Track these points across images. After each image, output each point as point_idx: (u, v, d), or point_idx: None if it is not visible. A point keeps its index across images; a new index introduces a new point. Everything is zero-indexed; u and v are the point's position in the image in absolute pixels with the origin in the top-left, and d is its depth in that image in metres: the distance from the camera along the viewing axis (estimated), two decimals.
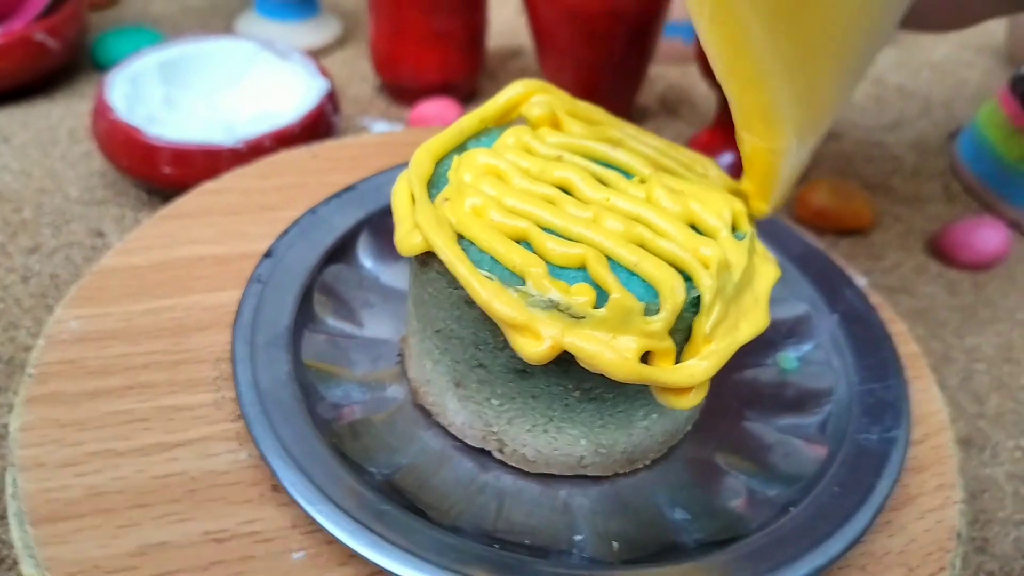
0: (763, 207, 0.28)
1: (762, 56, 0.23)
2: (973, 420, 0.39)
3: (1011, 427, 0.39)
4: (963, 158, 0.55)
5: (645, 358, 0.24)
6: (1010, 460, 0.38)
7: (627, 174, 0.27)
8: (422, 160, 0.27)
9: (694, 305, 0.24)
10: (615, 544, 0.26)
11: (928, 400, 0.32)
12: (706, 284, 0.23)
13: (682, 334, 0.24)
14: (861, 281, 0.36)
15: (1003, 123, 0.51)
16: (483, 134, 0.29)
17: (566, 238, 0.24)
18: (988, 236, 0.47)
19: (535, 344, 0.23)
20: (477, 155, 0.26)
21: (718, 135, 0.51)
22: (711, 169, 0.28)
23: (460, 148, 0.28)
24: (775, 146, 0.25)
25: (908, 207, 0.53)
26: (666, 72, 0.65)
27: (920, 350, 0.34)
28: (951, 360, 0.42)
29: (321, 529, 0.24)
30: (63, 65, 0.56)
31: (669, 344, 0.24)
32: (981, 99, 0.64)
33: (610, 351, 0.23)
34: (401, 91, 0.57)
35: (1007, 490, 0.36)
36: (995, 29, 0.73)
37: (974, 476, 0.37)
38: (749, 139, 0.26)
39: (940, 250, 0.48)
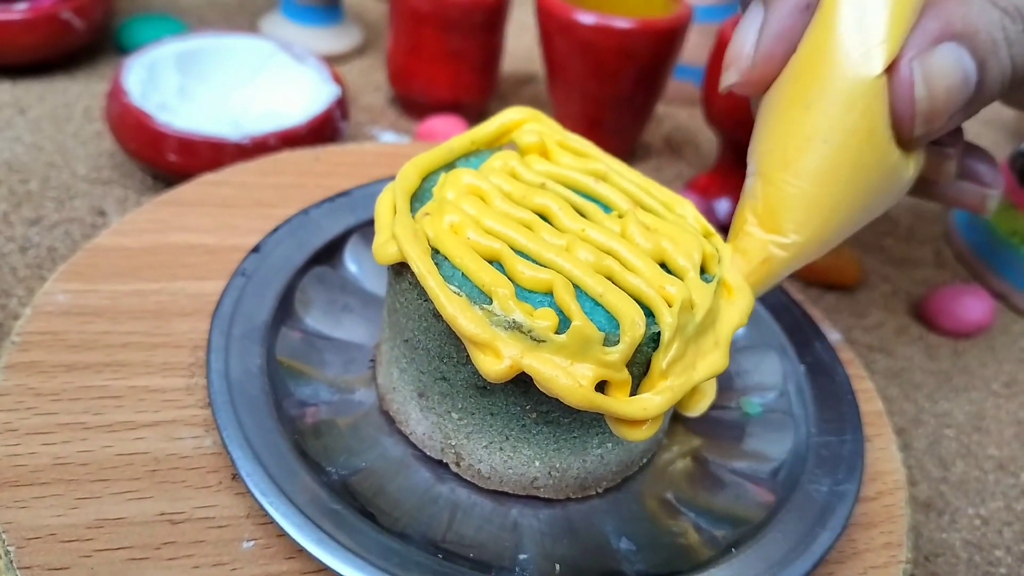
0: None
1: (827, 154, 0.26)
2: (936, 484, 0.40)
3: (973, 495, 0.39)
4: (957, 226, 0.56)
5: (602, 387, 0.24)
6: (968, 528, 0.38)
7: (606, 208, 0.28)
8: (409, 174, 0.27)
9: (654, 340, 0.25)
10: (558, 567, 0.27)
11: (886, 458, 0.33)
12: (667, 321, 0.24)
13: (640, 368, 0.25)
14: (835, 336, 0.37)
15: None
16: (473, 155, 0.30)
17: (537, 263, 0.25)
18: (972, 305, 0.48)
19: (495, 362, 0.23)
20: (463, 174, 0.27)
21: (717, 179, 0.52)
22: (689, 211, 0.29)
23: (449, 166, 0.29)
24: (794, 241, 0.27)
25: (897, 268, 0.53)
26: (674, 112, 0.66)
27: (886, 409, 0.35)
28: (921, 423, 0.43)
29: (273, 521, 0.25)
30: (86, 45, 0.57)
31: (625, 376, 0.24)
32: None
33: (566, 376, 0.23)
34: (412, 104, 0.58)
35: (962, 556, 0.37)
36: None
37: (930, 539, 0.37)
38: (759, 235, 0.27)
39: (924, 314, 0.49)
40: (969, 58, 0.25)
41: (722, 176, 0.52)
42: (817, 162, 0.26)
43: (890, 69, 0.25)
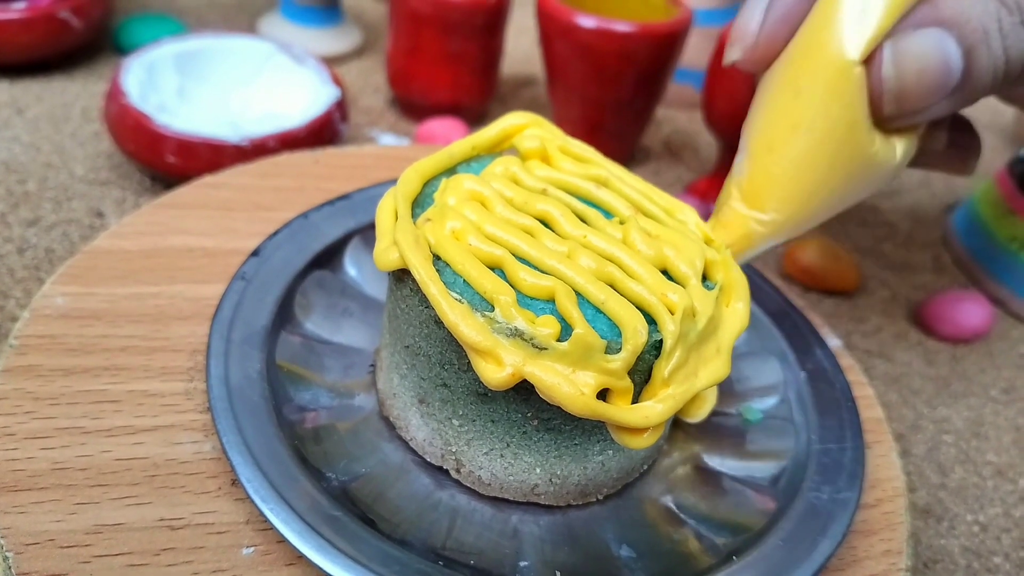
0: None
1: (814, 141, 0.27)
2: (935, 490, 0.40)
3: (972, 501, 0.39)
4: (956, 231, 0.56)
5: (603, 395, 0.24)
6: (967, 534, 0.38)
7: (608, 214, 0.28)
8: (410, 179, 0.27)
9: (656, 348, 0.24)
10: (558, 574, 0.26)
11: (886, 465, 0.33)
12: (669, 329, 0.24)
13: (642, 375, 0.25)
14: (835, 342, 0.37)
15: (997, 202, 0.52)
16: (474, 160, 0.30)
17: (539, 270, 0.25)
18: (971, 311, 0.48)
19: (496, 370, 0.23)
20: (464, 180, 0.27)
21: (716, 183, 0.52)
22: (691, 217, 0.29)
23: (450, 171, 0.29)
24: (773, 219, 0.28)
25: (896, 274, 0.53)
26: (674, 116, 0.66)
27: (885, 415, 0.35)
28: (920, 429, 0.43)
29: (272, 527, 0.25)
30: (85, 44, 0.57)
31: (627, 384, 0.24)
32: (982, 176, 0.65)
33: (568, 384, 0.23)
34: (412, 106, 0.58)
35: (960, 563, 0.37)
36: (1005, 108, 0.74)
37: (929, 546, 0.37)
38: (742, 210, 0.29)
39: (922, 319, 0.49)
40: (954, 44, 0.25)
41: (721, 180, 0.52)
42: (800, 150, 0.27)
43: (871, 55, 0.26)
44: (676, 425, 0.33)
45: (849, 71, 0.26)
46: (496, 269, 0.25)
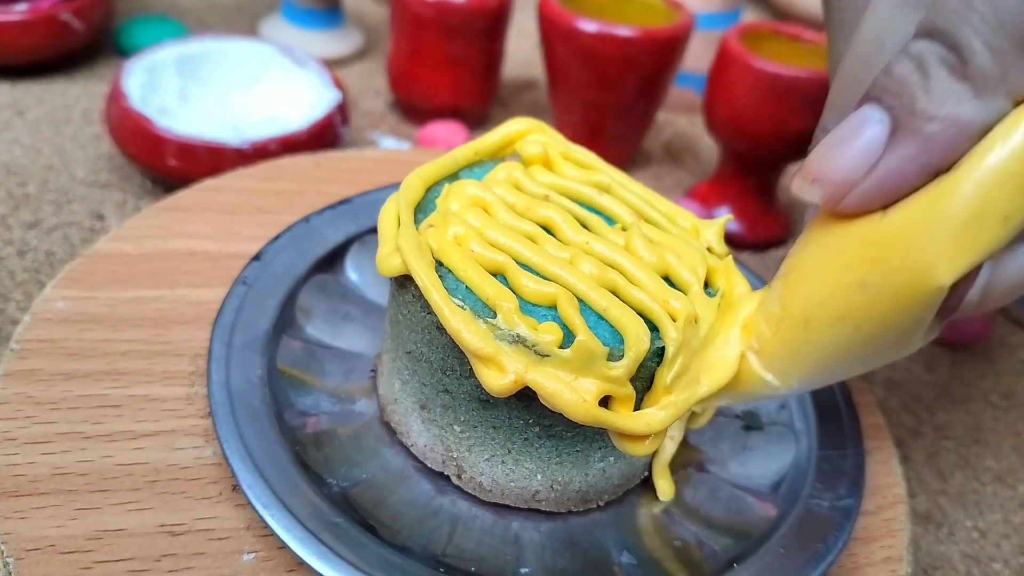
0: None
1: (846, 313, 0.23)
2: (935, 496, 0.40)
3: (971, 507, 0.39)
4: None
5: (605, 402, 0.24)
6: (966, 540, 0.38)
7: (610, 220, 0.28)
8: (413, 185, 0.27)
9: (658, 355, 0.24)
10: None
11: (887, 472, 0.33)
12: (671, 336, 0.24)
13: (644, 382, 0.25)
14: None
15: None
16: (476, 166, 0.30)
17: (542, 276, 0.25)
18: (971, 317, 0.48)
19: (499, 376, 0.23)
20: (466, 186, 0.27)
21: (717, 188, 0.52)
22: (693, 224, 0.29)
23: (452, 177, 0.29)
24: (785, 389, 0.25)
25: None
26: (675, 119, 0.66)
27: (886, 422, 0.35)
28: (920, 435, 0.43)
29: (273, 534, 0.25)
30: (86, 47, 0.57)
31: (629, 391, 0.24)
32: None
33: (570, 391, 0.23)
34: (413, 110, 0.58)
35: (960, 569, 0.37)
36: None
37: (929, 552, 0.37)
38: (756, 367, 0.26)
39: None
40: None
41: (722, 184, 0.52)
42: (840, 343, 0.23)
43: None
44: None
45: (931, 292, 0.21)
46: (498, 275, 0.25)
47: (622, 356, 0.24)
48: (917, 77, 0.21)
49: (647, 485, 0.31)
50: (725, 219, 0.29)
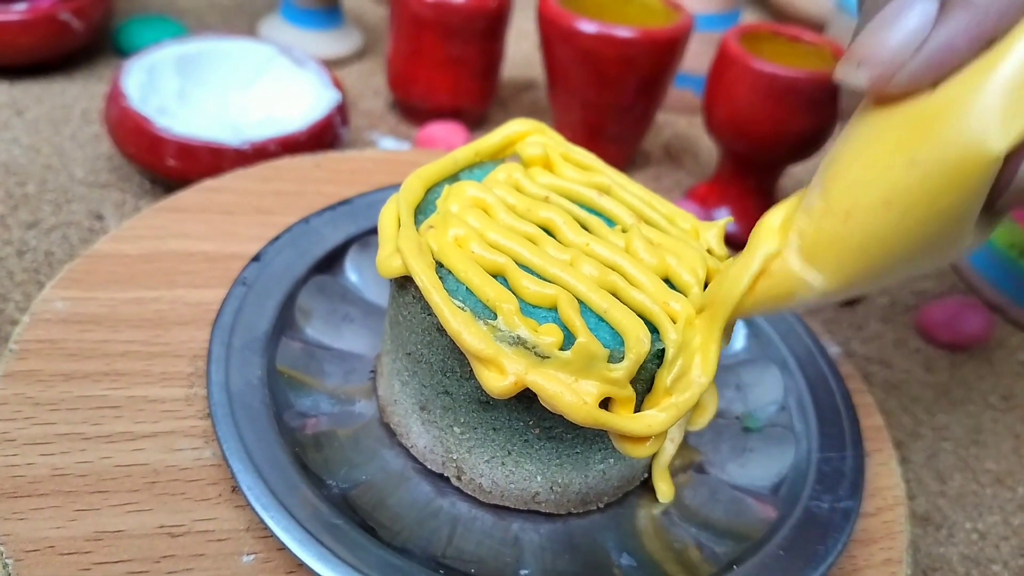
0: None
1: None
2: (934, 498, 0.40)
3: (970, 509, 0.39)
4: None
5: (605, 404, 0.24)
6: (965, 542, 0.38)
7: (610, 222, 0.28)
8: (413, 186, 0.27)
9: (658, 357, 0.24)
10: None
11: (886, 474, 0.33)
12: (671, 338, 0.24)
13: (644, 384, 0.25)
14: (835, 350, 0.37)
15: None
16: (476, 167, 0.29)
17: (542, 278, 0.25)
18: (970, 318, 0.48)
19: (499, 378, 0.23)
20: (467, 187, 0.27)
21: (716, 189, 0.52)
22: (693, 225, 0.29)
23: (452, 178, 0.29)
24: (827, 287, 0.24)
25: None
26: (674, 120, 0.66)
27: (885, 423, 0.35)
28: (919, 436, 0.43)
29: (273, 535, 0.25)
30: (85, 46, 0.57)
31: (629, 393, 0.24)
32: None
33: (570, 393, 0.23)
34: (412, 110, 0.58)
35: (959, 571, 0.37)
36: None
37: (928, 554, 0.37)
38: (795, 266, 0.24)
39: (922, 327, 0.49)
40: None
41: (721, 185, 0.52)
42: (887, 229, 0.22)
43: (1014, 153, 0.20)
44: None
45: (985, 161, 0.20)
46: (499, 277, 0.25)
47: (622, 358, 0.24)
48: None
49: (647, 487, 0.31)
50: (725, 221, 0.29)
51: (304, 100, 0.50)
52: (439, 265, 0.25)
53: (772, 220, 0.25)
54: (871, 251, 0.23)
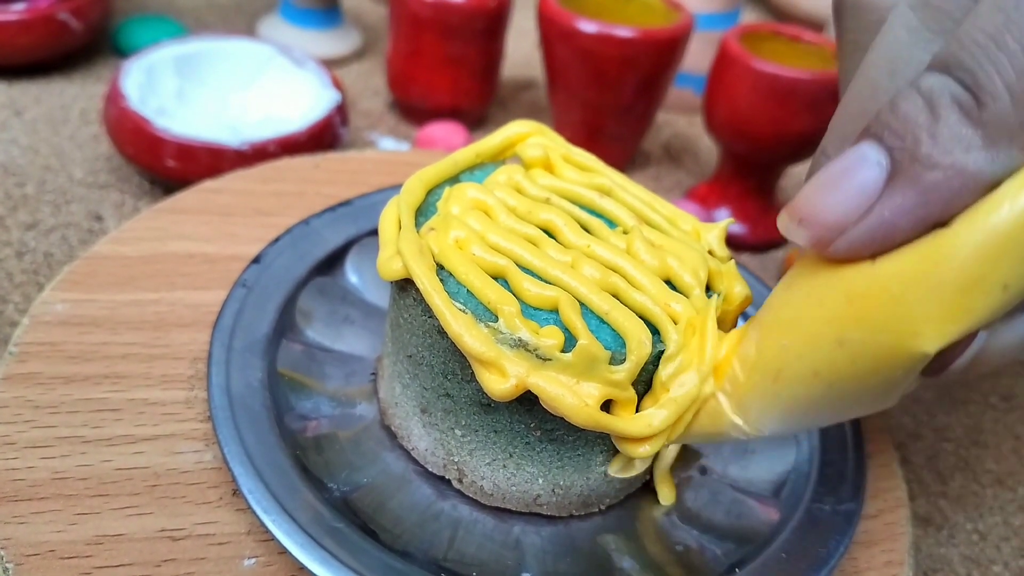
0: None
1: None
2: (934, 499, 0.40)
3: (971, 509, 0.39)
4: None
5: (607, 406, 0.24)
6: (966, 542, 0.38)
7: (611, 223, 0.28)
8: (414, 188, 0.27)
9: (659, 359, 0.24)
10: None
11: (888, 475, 0.33)
12: (673, 339, 0.24)
13: (644, 385, 0.25)
14: None
15: None
16: (477, 168, 0.29)
17: (543, 280, 0.25)
18: None
19: (500, 381, 0.23)
20: (467, 189, 0.27)
21: (716, 189, 0.52)
22: (694, 227, 0.29)
23: (453, 180, 0.29)
24: (751, 434, 0.24)
25: None
26: (674, 120, 0.66)
27: (887, 424, 0.35)
28: (919, 437, 0.43)
29: (274, 539, 0.24)
30: (84, 46, 0.57)
31: (631, 394, 0.24)
32: None
33: (572, 396, 0.23)
34: (412, 110, 0.57)
35: (960, 572, 0.37)
36: None
37: (929, 554, 0.37)
38: (726, 409, 0.24)
39: None
40: None
41: (721, 185, 0.52)
42: (812, 398, 0.22)
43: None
44: None
45: (913, 359, 0.20)
46: (500, 279, 0.25)
47: (624, 360, 0.24)
48: (924, 117, 0.19)
49: (648, 489, 0.31)
50: (726, 223, 0.29)
51: (303, 100, 0.50)
52: (440, 267, 0.25)
53: (718, 353, 0.25)
54: (799, 410, 0.23)
